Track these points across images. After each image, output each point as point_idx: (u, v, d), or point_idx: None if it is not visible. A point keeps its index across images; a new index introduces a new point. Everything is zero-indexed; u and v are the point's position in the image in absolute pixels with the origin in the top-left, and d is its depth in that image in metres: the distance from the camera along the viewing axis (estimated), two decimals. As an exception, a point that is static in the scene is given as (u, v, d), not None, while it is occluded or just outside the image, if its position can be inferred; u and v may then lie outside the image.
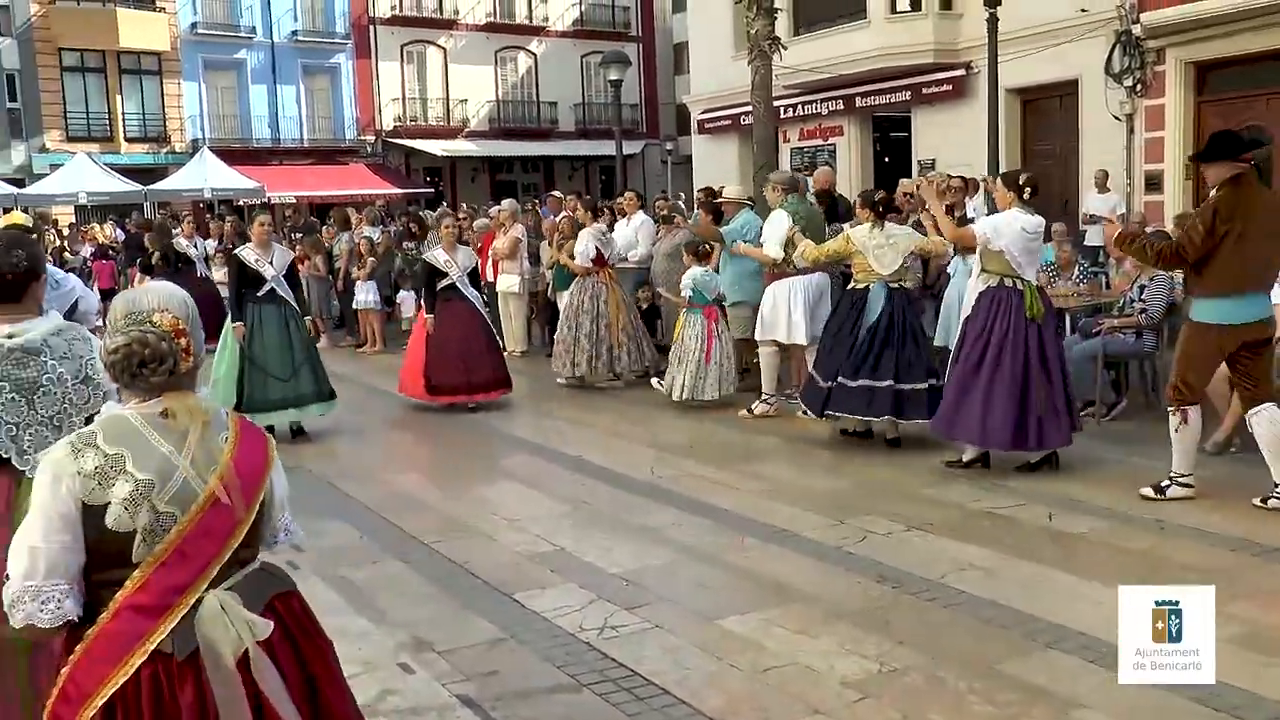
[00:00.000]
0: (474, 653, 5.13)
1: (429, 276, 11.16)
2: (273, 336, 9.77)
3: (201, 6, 35.66)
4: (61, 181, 27.71)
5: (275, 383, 9.66)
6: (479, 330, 11.09)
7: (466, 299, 11.06)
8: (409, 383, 11.19)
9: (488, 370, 11.02)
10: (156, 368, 2.61)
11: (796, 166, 25.04)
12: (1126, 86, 19.46)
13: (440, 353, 10.83)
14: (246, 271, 9.81)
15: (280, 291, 9.84)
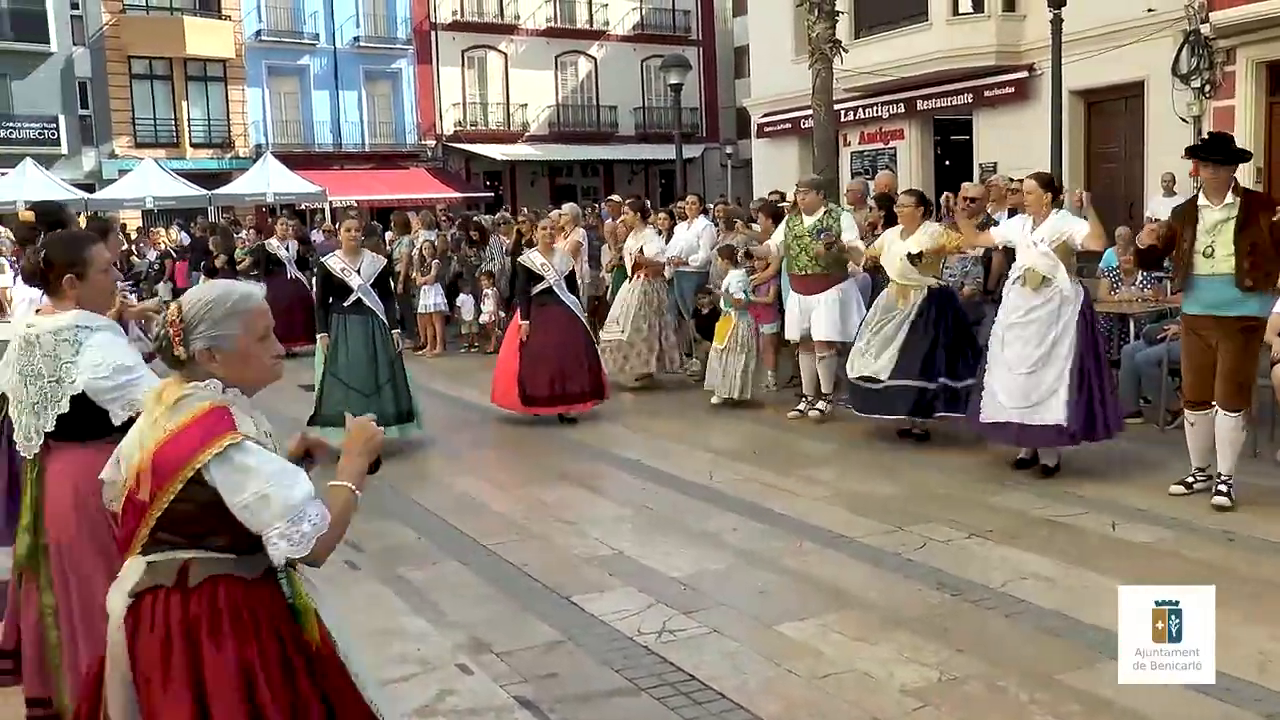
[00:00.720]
0: (532, 655, 5.15)
1: (525, 280, 10.58)
2: (357, 350, 9.28)
3: (266, 14, 36.16)
4: (129, 187, 28.16)
5: (356, 398, 8.96)
6: (577, 337, 10.52)
7: (564, 304, 10.51)
8: (503, 393, 10.59)
9: (583, 380, 10.46)
10: (158, 349, 2.91)
11: (856, 170, 24.96)
12: (1194, 87, 19.17)
13: (535, 362, 10.29)
14: (332, 280, 9.35)
15: (368, 302, 9.30)
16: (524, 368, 10.31)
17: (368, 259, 9.44)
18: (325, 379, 9.31)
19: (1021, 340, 7.84)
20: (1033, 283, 7.82)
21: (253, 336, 2.88)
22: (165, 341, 2.85)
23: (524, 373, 10.31)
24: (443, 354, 15.72)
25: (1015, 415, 7.82)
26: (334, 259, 9.41)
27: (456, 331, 16.46)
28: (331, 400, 9.15)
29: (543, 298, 10.44)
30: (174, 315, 2.84)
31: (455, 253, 16.83)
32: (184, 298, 2.92)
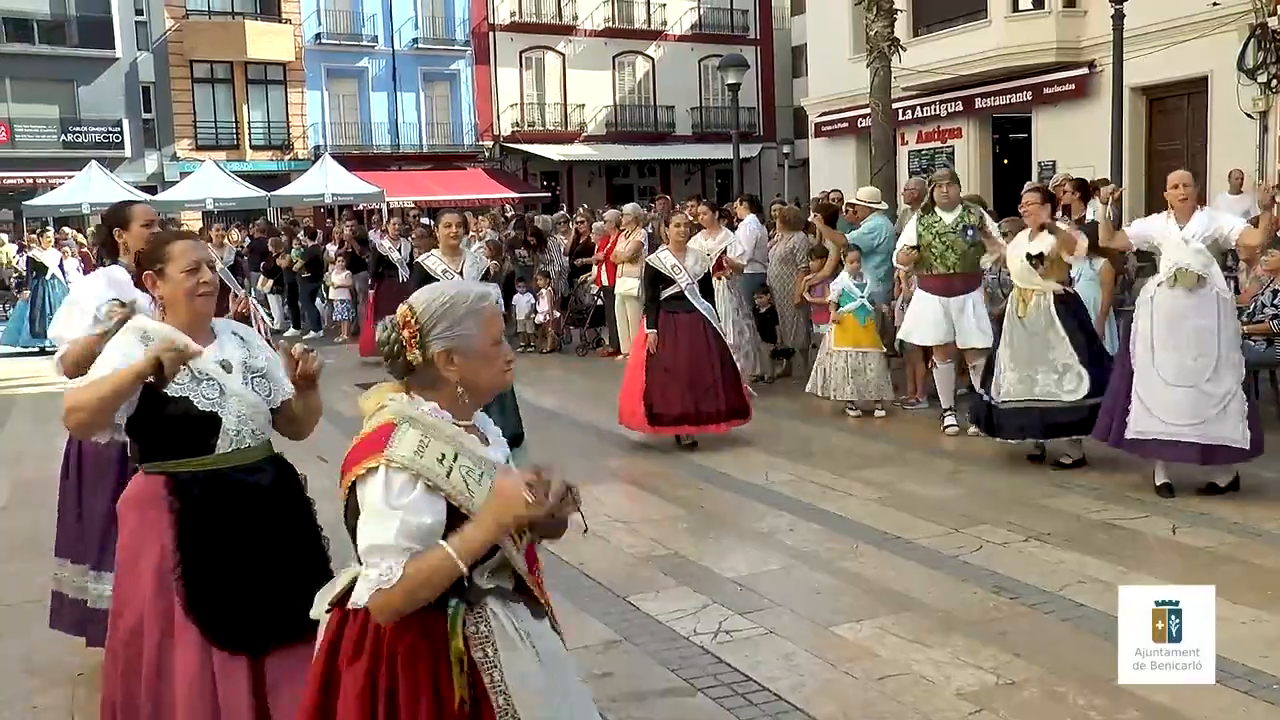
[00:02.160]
0: (588, 654, 5.17)
1: (652, 284, 9.39)
2: None
3: (325, 17, 36.58)
4: (190, 188, 28.61)
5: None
6: (711, 349, 9.33)
7: (697, 312, 9.31)
8: (628, 413, 9.49)
9: (718, 398, 9.25)
10: (383, 354, 2.72)
11: (914, 170, 24.79)
12: (1260, 82, 18.87)
13: (664, 377, 9.17)
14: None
15: None
16: (651, 384, 9.23)
17: (471, 260, 8.41)
18: None
19: (1179, 350, 7.21)
20: (1186, 282, 7.23)
21: (489, 339, 2.72)
22: (396, 345, 2.68)
23: (651, 389, 9.22)
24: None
25: (1190, 434, 7.11)
26: (433, 260, 8.35)
27: (512, 331, 16.55)
28: None
29: (673, 304, 9.28)
30: (406, 316, 2.68)
31: (510, 253, 16.93)
32: (415, 298, 2.73)
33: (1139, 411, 7.28)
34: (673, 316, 9.27)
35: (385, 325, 2.71)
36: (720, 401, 9.24)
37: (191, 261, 3.54)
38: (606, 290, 14.91)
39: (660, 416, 9.21)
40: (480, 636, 2.59)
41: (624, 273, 14.34)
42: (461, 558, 2.47)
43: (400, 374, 2.72)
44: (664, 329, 9.26)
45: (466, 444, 2.63)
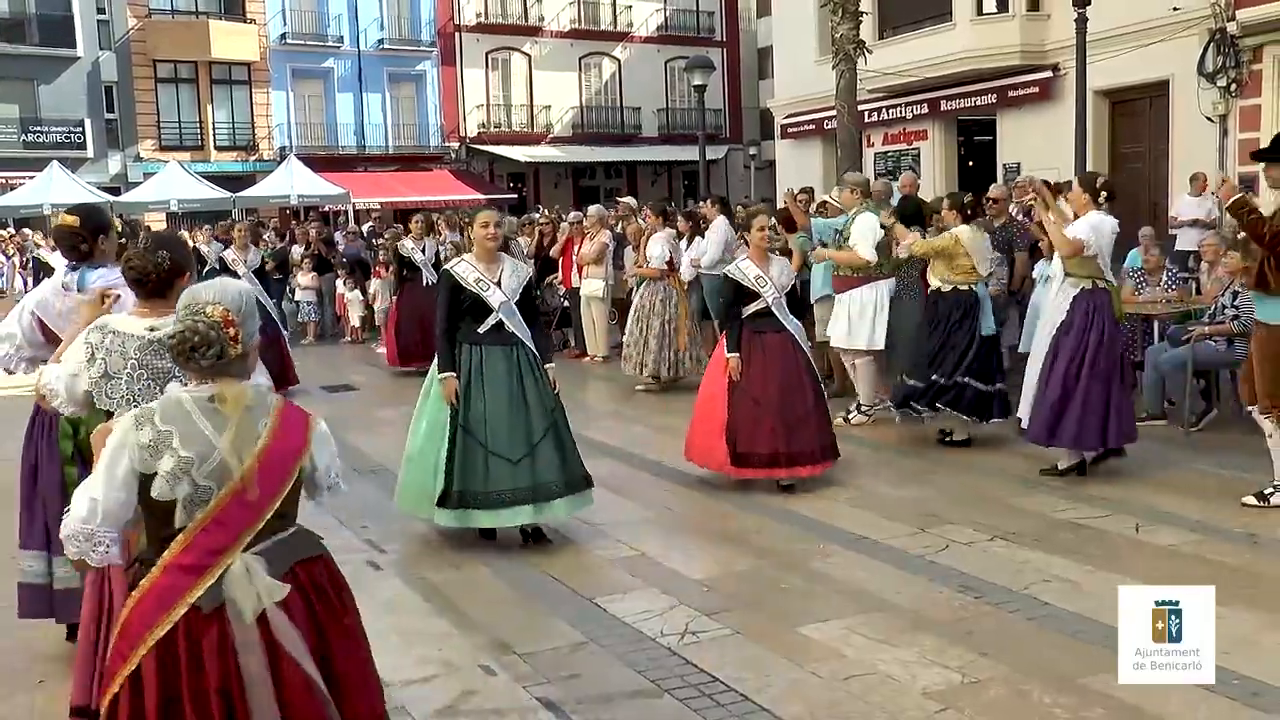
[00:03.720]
0: (555, 656, 5.16)
1: (733, 298, 8.09)
2: (499, 395, 6.63)
3: (290, 17, 36.36)
4: (154, 190, 28.40)
5: (501, 465, 6.55)
6: (804, 375, 8.02)
7: (786, 331, 8.03)
8: (703, 449, 8.08)
9: (811, 434, 7.92)
10: (205, 352, 2.97)
11: (880, 171, 24.89)
12: (1220, 86, 19.04)
13: (754, 410, 7.82)
14: (461, 296, 6.72)
15: (510, 326, 6.70)
16: (737, 418, 7.82)
17: (509, 267, 6.88)
18: (457, 440, 6.62)
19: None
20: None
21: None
22: (220, 343, 2.98)
23: (737, 424, 7.81)
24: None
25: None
26: (464, 266, 6.77)
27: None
28: (468, 469, 6.58)
29: (758, 322, 7.96)
30: (223, 315, 3.00)
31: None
32: (223, 296, 3.06)
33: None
34: (759, 337, 7.96)
35: (201, 325, 2.97)
36: (813, 438, 7.93)
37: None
38: (572, 292, 14.90)
39: (747, 457, 7.80)
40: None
41: (588, 274, 14.33)
42: None
43: (219, 370, 3.01)
44: (749, 352, 7.93)
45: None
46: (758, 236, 8.07)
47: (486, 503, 6.57)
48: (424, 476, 6.75)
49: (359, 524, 7.35)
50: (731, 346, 7.95)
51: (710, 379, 8.27)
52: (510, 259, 7.02)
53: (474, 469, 6.56)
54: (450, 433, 6.63)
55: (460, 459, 6.58)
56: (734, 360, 7.89)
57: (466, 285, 6.70)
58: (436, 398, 6.79)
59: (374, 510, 7.74)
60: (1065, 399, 7.67)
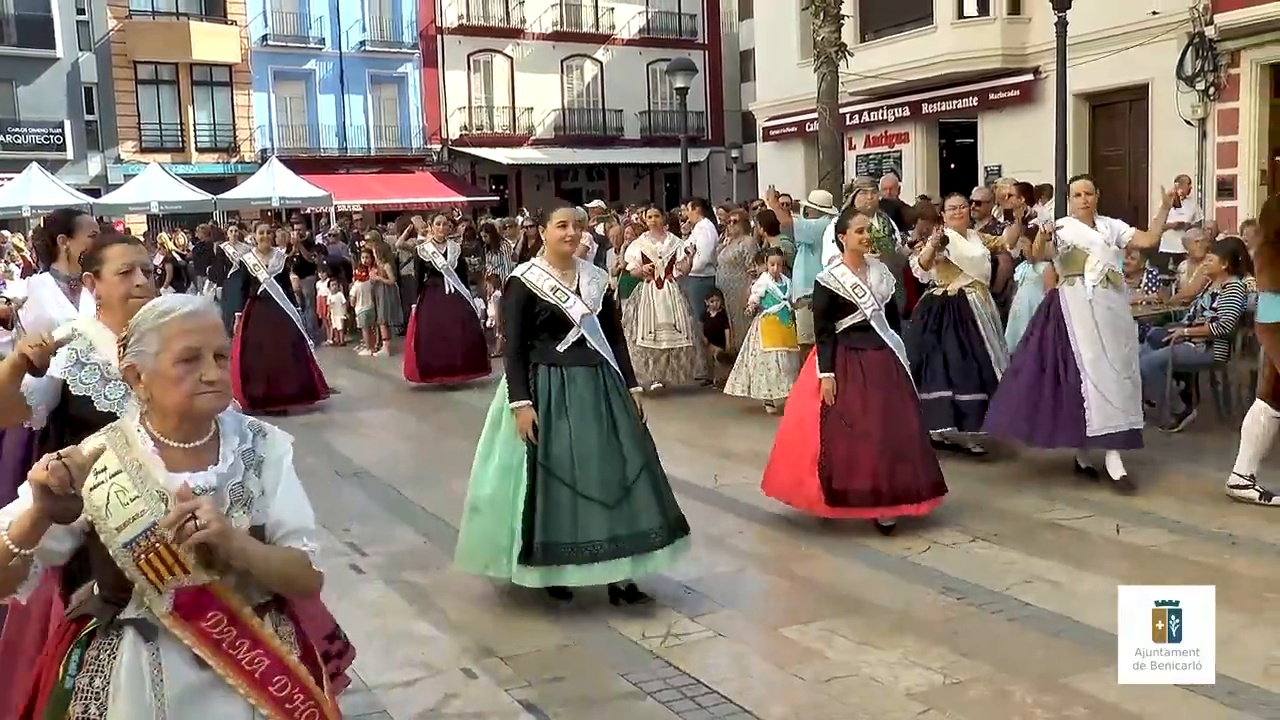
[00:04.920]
0: (538, 659, 5.15)
1: (827, 311, 6.93)
2: (587, 426, 5.61)
3: (272, 19, 36.22)
4: (135, 191, 28.23)
5: (594, 511, 5.52)
6: (908, 399, 7.05)
7: (887, 348, 6.99)
8: (791, 483, 7.03)
9: (917, 467, 6.91)
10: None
11: (862, 174, 24.93)
12: (1199, 90, 19.15)
13: (853, 440, 6.81)
14: (536, 309, 5.68)
15: (593, 343, 5.72)
16: (833, 449, 6.81)
17: (586, 273, 5.88)
18: (538, 482, 5.56)
19: (1117, 343, 7.62)
20: (1116, 282, 7.74)
21: (171, 357, 2.52)
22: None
23: (833, 457, 6.80)
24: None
25: (1126, 421, 7.58)
26: (537, 272, 5.76)
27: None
28: (553, 517, 5.52)
29: (855, 337, 6.93)
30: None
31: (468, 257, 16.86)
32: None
33: (1102, 407, 7.49)
34: (857, 355, 6.91)
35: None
36: (920, 471, 6.90)
37: (126, 264, 3.70)
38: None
39: (843, 495, 6.77)
40: (97, 663, 2.48)
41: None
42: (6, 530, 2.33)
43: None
44: (845, 372, 6.88)
45: (147, 466, 2.51)
46: (855, 239, 6.94)
47: (578, 556, 5.51)
48: (496, 528, 5.65)
49: (341, 527, 7.34)
50: (825, 365, 6.87)
51: (797, 402, 7.25)
52: (586, 263, 6.06)
53: (561, 516, 5.51)
54: (529, 474, 5.57)
55: (544, 505, 5.52)
56: (828, 381, 6.83)
57: (542, 296, 5.66)
58: (509, 432, 5.67)
59: (356, 513, 7.73)
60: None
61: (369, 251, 17.31)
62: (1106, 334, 7.55)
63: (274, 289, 11.82)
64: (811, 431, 6.87)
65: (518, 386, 5.62)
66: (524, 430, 5.55)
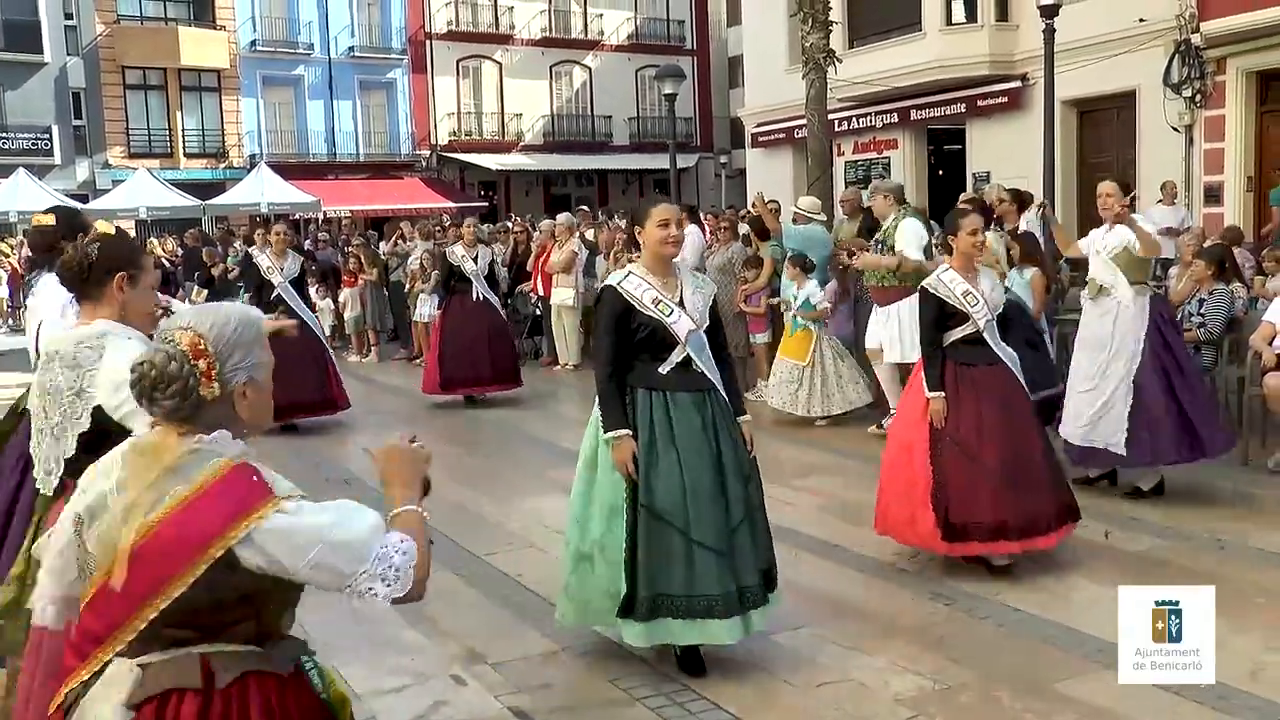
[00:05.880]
0: (527, 665, 5.15)
1: (935, 321, 6.28)
2: (697, 460, 4.86)
3: (261, 24, 36.18)
4: (123, 197, 28.19)
5: (709, 559, 4.76)
6: (1030, 422, 6.32)
7: (1000, 362, 6.30)
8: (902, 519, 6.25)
9: (1047, 493, 6.18)
10: (165, 390, 2.32)
11: (850, 180, 24.98)
12: (1185, 97, 19.24)
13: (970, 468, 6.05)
14: (634, 323, 4.91)
15: (699, 364, 4.97)
16: (945, 476, 6.05)
17: (690, 281, 5.10)
18: (639, 524, 4.82)
19: (1084, 356, 7.51)
20: (1091, 292, 7.52)
21: (270, 366, 2.44)
22: (184, 379, 2.31)
23: (946, 485, 6.04)
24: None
25: (1077, 436, 7.50)
26: (634, 280, 4.97)
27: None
28: (661, 565, 4.78)
29: (965, 351, 6.24)
30: (195, 344, 2.33)
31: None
32: (197, 322, 2.37)
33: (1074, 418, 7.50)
34: (967, 371, 6.21)
35: (160, 356, 2.33)
36: (1049, 497, 6.14)
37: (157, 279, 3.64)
38: (544, 300, 14.89)
39: (963, 529, 5.99)
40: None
41: (558, 283, 14.34)
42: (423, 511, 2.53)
43: (185, 414, 2.34)
44: (956, 391, 6.18)
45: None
46: (967, 242, 6.27)
47: (691, 610, 4.76)
48: (612, 577, 4.86)
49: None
50: (934, 384, 6.14)
51: (903, 427, 6.47)
52: (688, 269, 5.26)
53: (671, 565, 4.77)
54: (629, 515, 4.84)
55: (647, 551, 4.78)
56: (938, 402, 6.10)
57: (641, 308, 4.89)
58: (609, 467, 4.94)
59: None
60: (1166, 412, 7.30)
61: (357, 257, 17.29)
62: (1083, 347, 7.55)
63: (289, 294, 10.92)
64: (921, 460, 6.14)
65: (613, 414, 4.89)
66: (623, 464, 4.83)
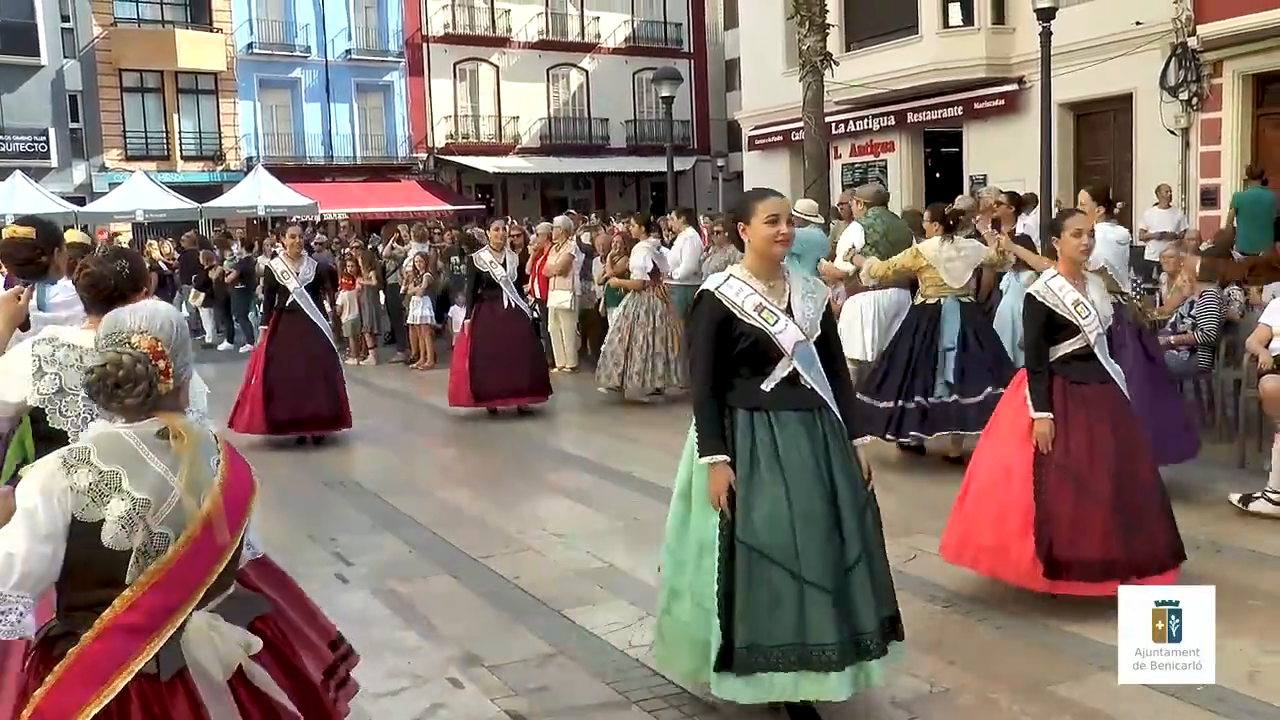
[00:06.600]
0: (524, 668, 5.14)
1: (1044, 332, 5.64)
2: (808, 490, 4.25)
3: (257, 27, 36.20)
4: (120, 200, 28.18)
5: (820, 602, 4.13)
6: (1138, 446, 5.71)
7: (1111, 382, 5.73)
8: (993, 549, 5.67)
9: (1157, 531, 5.61)
10: (131, 389, 2.60)
11: (848, 183, 25.02)
12: (1182, 100, 19.26)
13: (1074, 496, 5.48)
14: (730, 333, 4.31)
15: (808, 379, 4.35)
16: (1051, 506, 5.45)
17: (800, 286, 4.45)
18: (736, 562, 4.19)
19: None
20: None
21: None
22: (149, 378, 2.61)
23: (1051, 517, 5.44)
24: (435, 366, 15.69)
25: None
26: (735, 284, 4.35)
27: (448, 344, 16.44)
28: (762, 610, 4.15)
29: (1074, 368, 5.64)
30: (151, 346, 2.64)
31: (447, 264, 16.89)
32: (144, 324, 2.68)
33: None
34: (1077, 390, 5.61)
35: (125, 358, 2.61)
36: (1159, 535, 5.59)
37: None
38: (541, 303, 14.88)
39: (1068, 566, 5.39)
40: None
41: (555, 286, 14.34)
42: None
43: (147, 408, 2.65)
44: (1064, 411, 5.57)
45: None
46: (1072, 245, 5.65)
47: (800, 661, 4.14)
48: (697, 621, 4.34)
49: (327, 536, 7.32)
50: (1040, 403, 5.53)
51: (999, 447, 5.83)
52: (796, 273, 4.54)
53: (776, 609, 4.14)
54: (724, 552, 4.20)
55: (747, 594, 4.15)
56: (1044, 423, 5.50)
57: (743, 316, 4.28)
58: (704, 498, 4.32)
59: (342, 522, 7.71)
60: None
61: (355, 260, 17.29)
62: None
63: (305, 300, 10.42)
64: (1022, 486, 5.53)
65: (710, 436, 4.28)
66: (717, 494, 4.21)
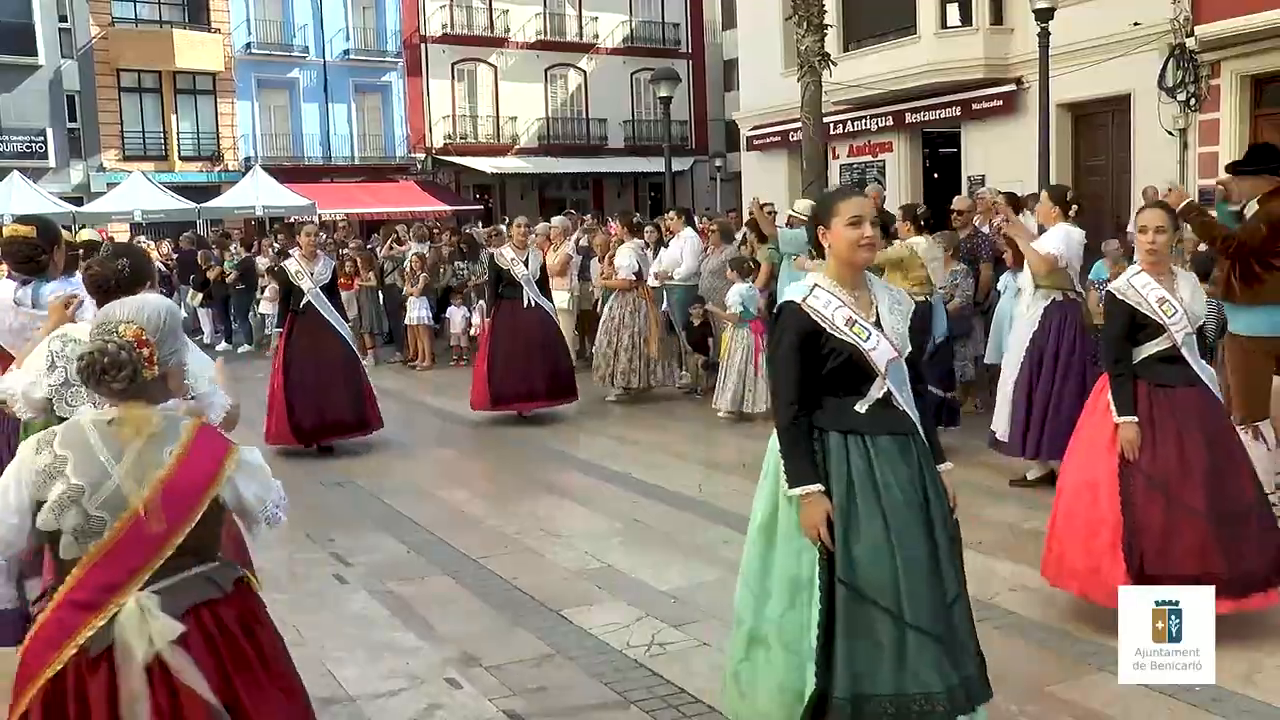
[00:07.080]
0: (522, 668, 5.14)
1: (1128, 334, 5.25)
2: (908, 524, 3.75)
3: (255, 27, 36.18)
4: (118, 200, 28.14)
5: (928, 648, 3.66)
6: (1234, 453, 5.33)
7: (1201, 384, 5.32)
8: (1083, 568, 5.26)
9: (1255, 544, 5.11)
10: (116, 374, 2.82)
11: (846, 183, 24.98)
12: (1180, 101, 19.25)
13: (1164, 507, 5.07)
14: (818, 349, 3.80)
15: (900, 400, 3.86)
16: (1139, 517, 5.07)
17: (886, 296, 3.97)
18: (836, 604, 3.69)
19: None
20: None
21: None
22: (133, 365, 2.83)
23: (1141, 529, 5.06)
24: (433, 366, 15.69)
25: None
26: (822, 295, 3.84)
27: (446, 344, 16.46)
28: (864, 656, 3.66)
29: (1160, 370, 5.24)
30: (136, 335, 2.86)
31: (446, 265, 16.88)
32: (132, 315, 2.91)
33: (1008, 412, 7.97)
34: (1164, 394, 5.21)
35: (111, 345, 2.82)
36: (1261, 548, 5.11)
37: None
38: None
39: (1163, 581, 4.63)
40: None
41: (553, 286, 14.30)
42: None
43: (131, 393, 2.86)
44: (1151, 417, 5.17)
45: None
46: (1139, 241, 5.35)
47: (905, 712, 3.64)
48: (788, 667, 3.81)
49: (326, 537, 7.31)
50: (1125, 407, 5.14)
51: (1083, 460, 5.41)
52: (880, 281, 4.06)
53: (878, 656, 3.65)
54: (824, 594, 3.70)
55: (848, 640, 3.65)
56: (1130, 429, 5.11)
57: (834, 330, 3.78)
58: (791, 530, 3.87)
59: (340, 522, 7.71)
60: (1038, 410, 7.72)
61: (354, 261, 17.28)
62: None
63: (320, 301, 10.06)
64: (1110, 498, 5.15)
65: (801, 464, 3.79)
66: (813, 529, 3.72)
